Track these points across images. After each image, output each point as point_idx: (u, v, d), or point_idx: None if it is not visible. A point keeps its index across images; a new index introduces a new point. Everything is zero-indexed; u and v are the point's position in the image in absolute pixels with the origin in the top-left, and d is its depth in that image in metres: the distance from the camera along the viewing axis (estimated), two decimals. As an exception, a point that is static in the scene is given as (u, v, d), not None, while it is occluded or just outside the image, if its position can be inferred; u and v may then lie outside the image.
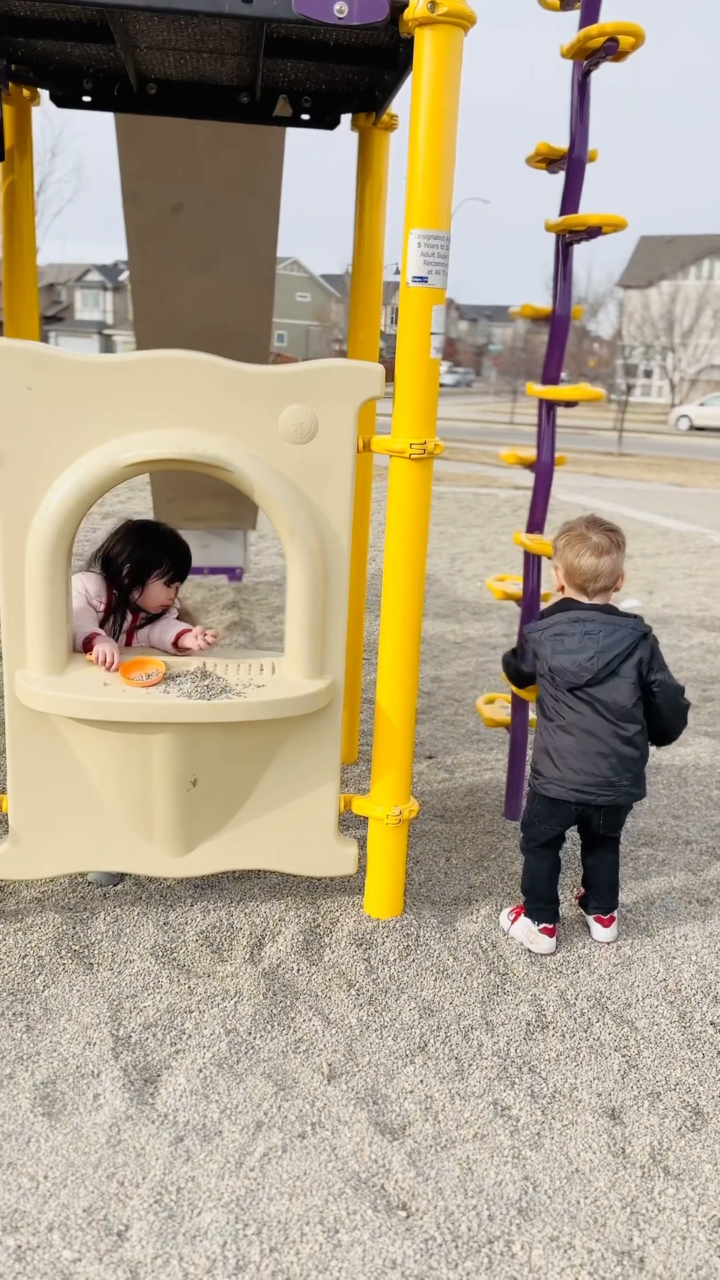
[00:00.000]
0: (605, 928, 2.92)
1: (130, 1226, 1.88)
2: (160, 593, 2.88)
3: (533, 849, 2.87)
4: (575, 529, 2.78)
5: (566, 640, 2.69)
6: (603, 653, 2.65)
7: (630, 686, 2.67)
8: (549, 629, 2.74)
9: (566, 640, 2.69)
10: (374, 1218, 1.92)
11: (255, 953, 2.73)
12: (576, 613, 2.72)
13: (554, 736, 2.75)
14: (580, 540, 2.74)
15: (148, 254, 4.51)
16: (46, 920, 2.80)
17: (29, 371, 2.39)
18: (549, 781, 2.76)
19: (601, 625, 2.68)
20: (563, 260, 3.14)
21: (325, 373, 2.51)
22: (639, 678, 2.68)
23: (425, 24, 2.33)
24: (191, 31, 2.83)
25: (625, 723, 2.68)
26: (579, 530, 2.77)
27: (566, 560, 2.76)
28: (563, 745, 2.73)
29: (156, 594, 2.87)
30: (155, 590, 2.87)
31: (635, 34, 2.75)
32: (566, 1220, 1.95)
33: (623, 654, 2.65)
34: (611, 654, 2.65)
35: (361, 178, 3.46)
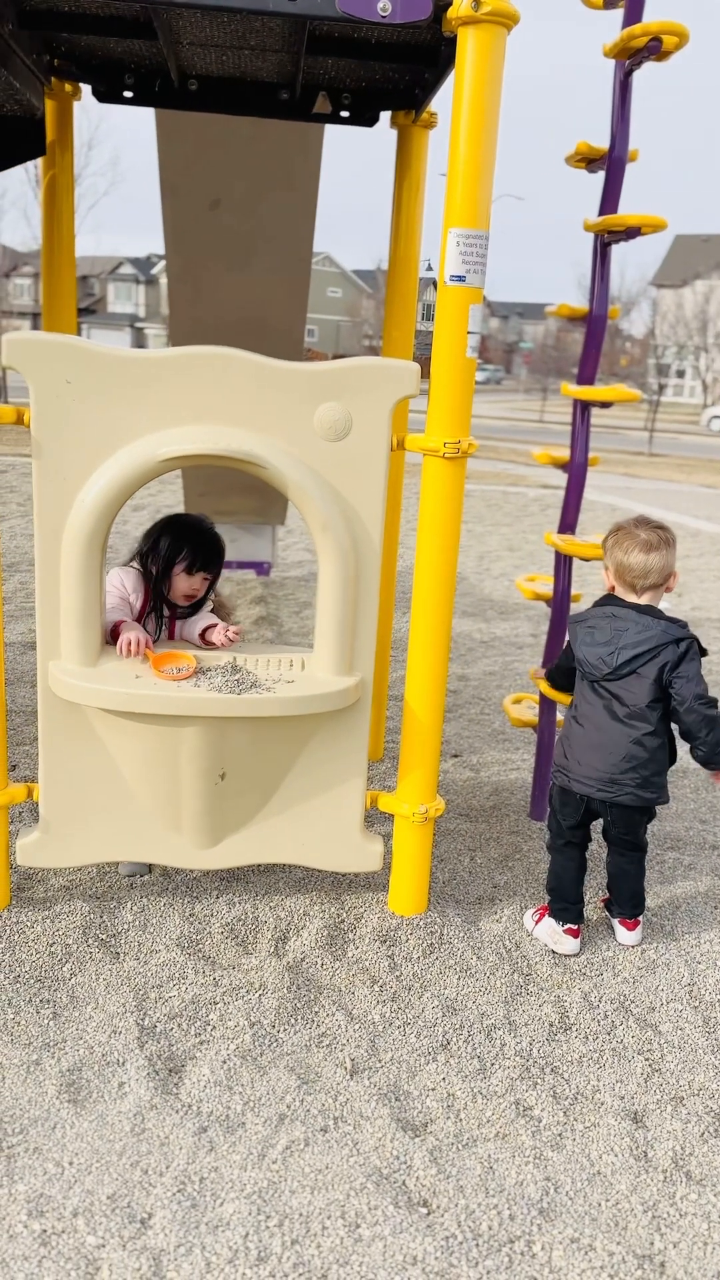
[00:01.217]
0: (629, 931, 2.91)
1: (154, 1215, 1.90)
2: (183, 583, 2.86)
3: (559, 847, 2.87)
4: (624, 527, 2.77)
5: (596, 633, 2.71)
6: (624, 649, 2.64)
7: (649, 687, 2.65)
8: (585, 620, 2.77)
9: (596, 633, 2.71)
10: (395, 1214, 1.93)
11: (280, 946, 2.75)
12: (613, 608, 2.72)
13: (569, 726, 2.80)
14: (629, 537, 2.72)
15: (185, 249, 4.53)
16: (74, 909, 2.83)
17: (68, 365, 2.41)
18: (559, 770, 2.82)
19: (633, 623, 2.67)
20: (601, 260, 3.13)
21: (361, 370, 2.52)
22: (659, 680, 2.65)
23: (469, 23, 2.33)
24: (234, 28, 2.84)
25: (636, 721, 2.67)
26: (628, 528, 2.76)
27: (616, 558, 2.74)
28: (574, 735, 2.77)
29: (180, 584, 2.86)
30: (179, 581, 2.86)
31: (679, 34, 2.73)
32: (587, 1222, 1.95)
33: (646, 654, 2.63)
34: (634, 652, 2.63)
35: (399, 175, 3.46)
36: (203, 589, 2.92)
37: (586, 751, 2.73)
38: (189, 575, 2.87)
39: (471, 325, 2.51)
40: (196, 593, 2.91)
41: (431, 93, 3.18)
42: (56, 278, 3.51)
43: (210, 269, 4.54)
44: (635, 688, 2.66)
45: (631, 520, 2.80)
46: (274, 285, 4.54)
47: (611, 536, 2.79)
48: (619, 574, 2.75)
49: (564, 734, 2.83)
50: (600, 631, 2.70)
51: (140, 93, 3.36)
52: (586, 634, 2.73)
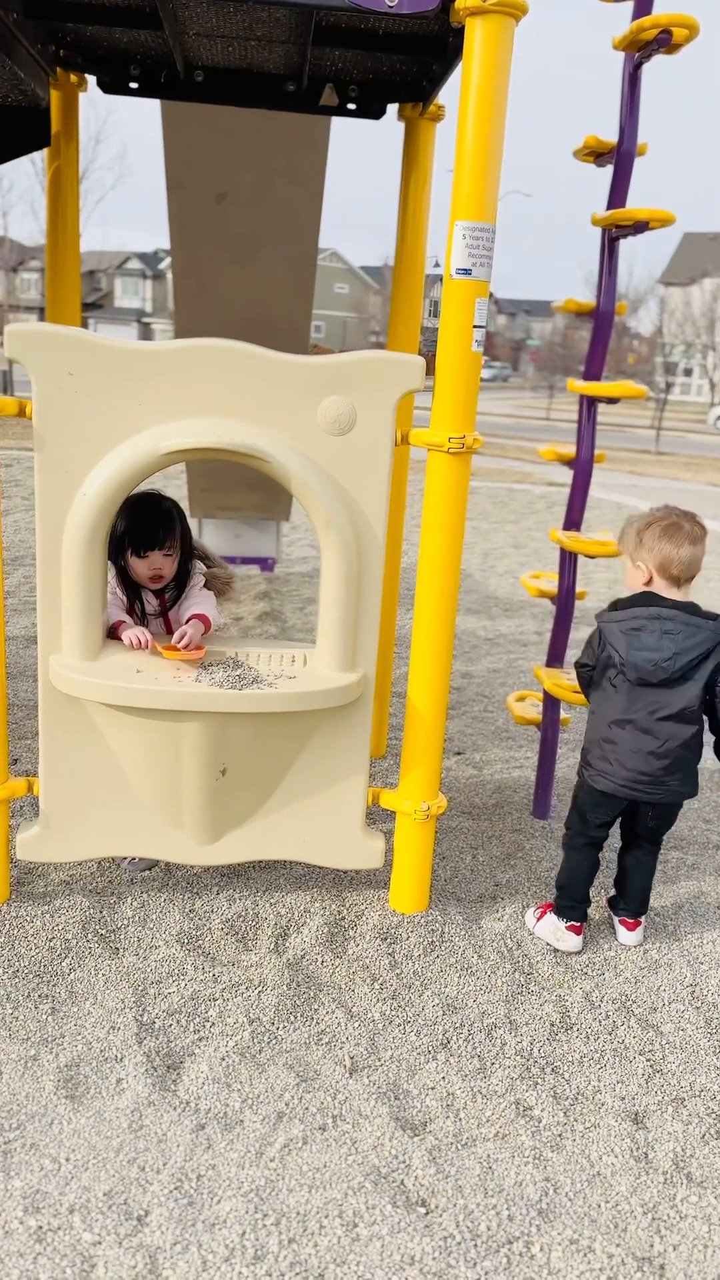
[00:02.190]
0: (630, 931, 2.89)
1: (150, 1212, 1.89)
2: (139, 566, 2.74)
3: (578, 846, 2.84)
4: (665, 519, 2.67)
5: (644, 636, 2.60)
6: (681, 654, 2.57)
7: (699, 689, 2.60)
8: (624, 621, 2.64)
9: (644, 636, 2.60)
10: (393, 1213, 1.92)
11: (280, 943, 2.74)
12: (657, 609, 2.62)
13: (609, 729, 2.69)
14: (676, 529, 2.64)
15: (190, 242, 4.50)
16: (74, 903, 2.82)
17: (70, 357, 2.40)
18: (599, 774, 2.72)
19: (682, 625, 2.59)
20: (608, 255, 3.10)
21: (365, 364, 2.50)
22: (708, 681, 2.61)
23: (476, 13, 2.31)
24: (241, 18, 2.82)
25: (686, 725, 2.63)
26: (670, 520, 2.66)
27: (663, 551, 2.64)
28: (619, 739, 2.67)
29: (137, 568, 2.75)
30: (135, 565, 2.74)
31: (689, 26, 2.71)
32: (587, 1223, 1.94)
33: (699, 657, 2.58)
34: (690, 656, 2.57)
35: (406, 168, 3.44)
36: (166, 568, 2.76)
37: (635, 757, 2.66)
38: (140, 557, 2.73)
39: (477, 319, 2.49)
40: (159, 572, 2.76)
41: (439, 85, 3.16)
42: (61, 270, 3.50)
43: (216, 263, 4.51)
44: (687, 691, 2.60)
45: (665, 511, 2.70)
46: (280, 279, 4.51)
47: (650, 530, 2.67)
48: (663, 567, 2.65)
49: (601, 736, 2.71)
50: (649, 635, 2.60)
51: (146, 84, 3.34)
52: (632, 637, 2.61)
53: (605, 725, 2.71)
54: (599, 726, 2.73)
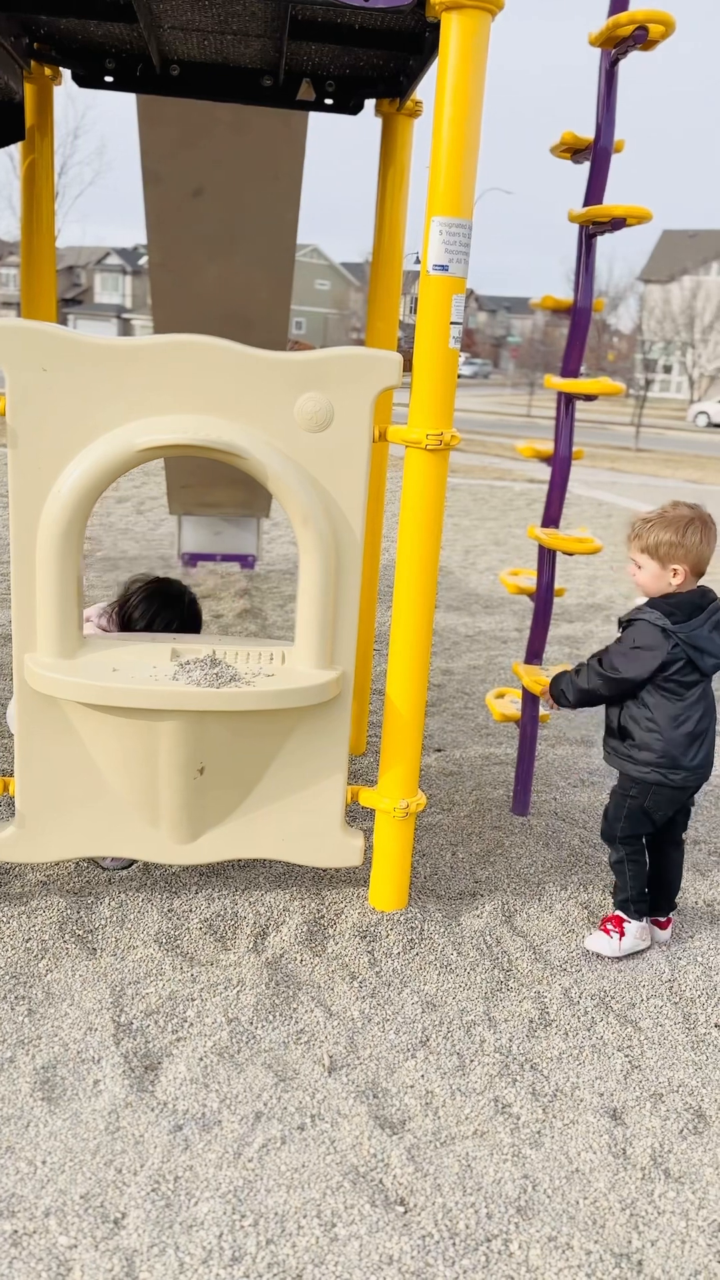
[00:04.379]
0: (664, 930, 2.92)
1: (127, 1214, 1.87)
2: None
3: (639, 849, 2.85)
4: (695, 519, 2.67)
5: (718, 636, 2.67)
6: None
7: None
8: (708, 622, 2.66)
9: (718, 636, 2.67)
10: (371, 1213, 1.91)
11: (259, 942, 2.73)
12: (717, 602, 2.69)
13: (681, 727, 2.68)
14: (706, 528, 2.67)
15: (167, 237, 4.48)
16: (51, 904, 2.80)
17: (44, 353, 2.38)
18: (675, 770, 2.70)
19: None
20: (586, 252, 3.10)
21: (342, 360, 2.49)
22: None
23: (452, 8, 2.30)
24: (215, 12, 2.80)
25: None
26: (700, 517, 2.68)
27: (699, 551, 2.66)
28: (697, 734, 2.70)
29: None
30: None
31: (665, 23, 2.70)
32: (565, 1220, 1.94)
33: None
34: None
35: (384, 164, 3.43)
36: None
37: (703, 747, 2.71)
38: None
39: (454, 315, 2.48)
40: None
41: (416, 80, 3.15)
42: (36, 265, 3.47)
43: (193, 258, 4.49)
44: None
45: (685, 507, 2.71)
46: (258, 275, 4.50)
47: (680, 531, 2.65)
48: (697, 565, 2.67)
49: (672, 738, 2.68)
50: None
51: (121, 78, 3.31)
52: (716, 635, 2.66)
53: (678, 724, 2.69)
54: (670, 728, 2.69)
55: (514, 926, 2.91)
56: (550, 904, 3.04)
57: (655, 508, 2.77)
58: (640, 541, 2.71)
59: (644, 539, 2.70)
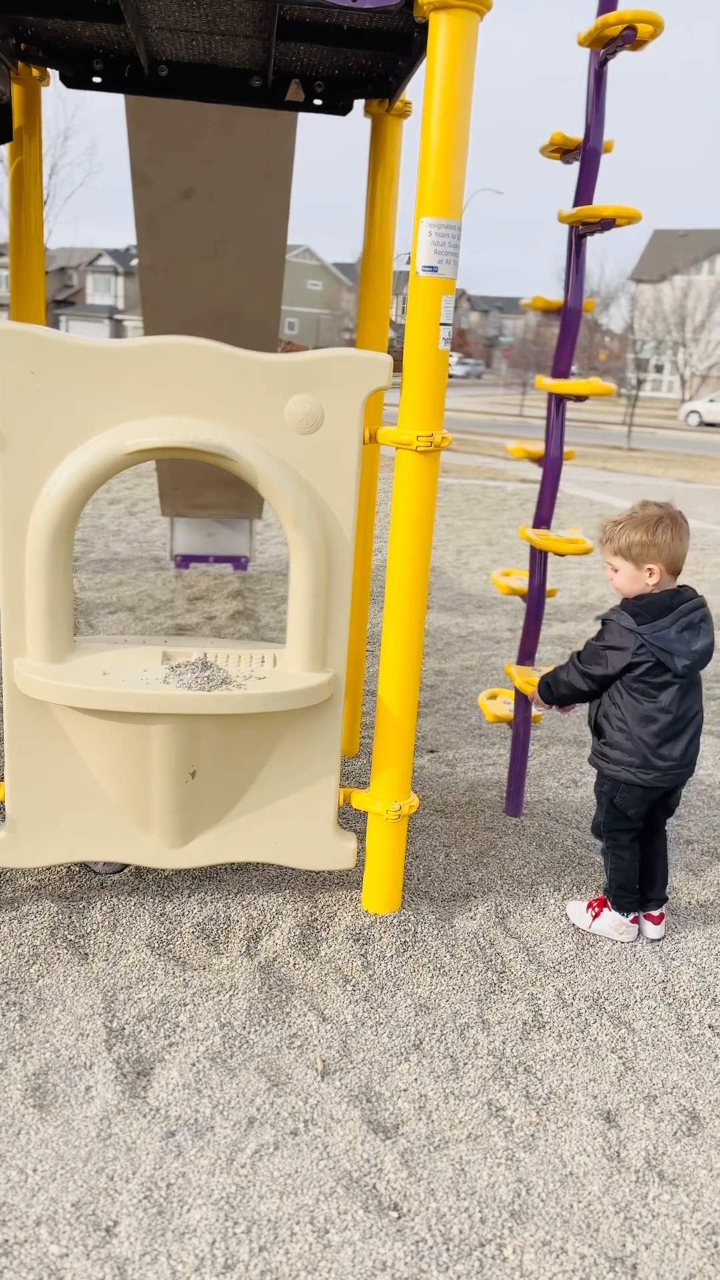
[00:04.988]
0: (657, 925, 2.94)
1: (119, 1222, 1.86)
2: None
3: (625, 844, 2.87)
4: (664, 517, 2.68)
5: (695, 632, 2.67)
6: (714, 641, 2.69)
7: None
8: (676, 623, 2.66)
9: (695, 632, 2.67)
10: (365, 1218, 1.90)
11: (251, 946, 2.72)
12: (691, 603, 2.69)
13: (651, 725, 2.71)
14: (676, 525, 2.68)
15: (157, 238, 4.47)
16: (42, 909, 2.78)
17: (32, 355, 2.36)
18: (644, 770, 2.73)
19: (705, 610, 2.71)
20: (575, 252, 3.10)
21: (332, 362, 2.48)
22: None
23: (440, 8, 2.29)
24: (203, 12, 2.79)
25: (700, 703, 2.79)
26: (668, 515, 2.69)
27: (672, 549, 2.67)
28: (666, 733, 2.71)
29: None
30: None
31: (654, 23, 2.70)
32: (559, 1224, 1.93)
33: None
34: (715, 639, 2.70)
35: (373, 165, 3.42)
36: None
37: (677, 745, 2.73)
38: None
39: (444, 316, 2.48)
40: None
41: (405, 81, 3.14)
42: (24, 267, 3.45)
43: (183, 259, 4.48)
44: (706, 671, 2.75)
45: (657, 508, 2.70)
46: (248, 276, 4.49)
47: (650, 530, 2.66)
48: (673, 563, 2.69)
49: (643, 736, 2.71)
50: (694, 629, 2.67)
51: (109, 79, 3.30)
52: (687, 635, 2.65)
53: (646, 723, 2.71)
54: (638, 727, 2.72)
55: (507, 928, 2.90)
56: (543, 905, 3.03)
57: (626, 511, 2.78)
58: (613, 545, 2.72)
59: (616, 541, 2.70)
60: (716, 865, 3.36)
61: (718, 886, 3.23)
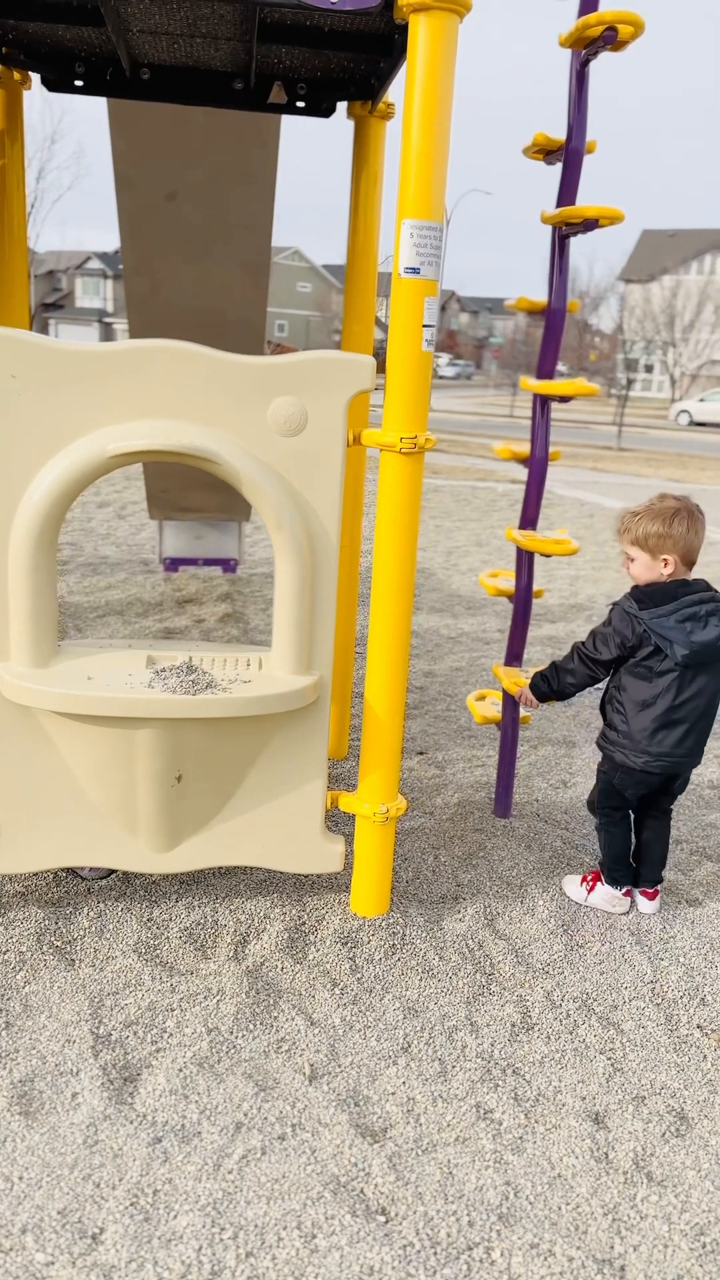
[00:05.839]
0: (651, 900, 3.04)
1: (105, 1229, 1.85)
2: None
3: (616, 821, 3.02)
4: (681, 509, 2.77)
5: (698, 624, 2.72)
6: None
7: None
8: (677, 613, 2.72)
9: (698, 624, 2.72)
10: (352, 1223, 1.90)
11: (239, 950, 2.71)
12: (698, 595, 2.74)
13: (649, 711, 2.79)
14: (692, 518, 2.77)
15: (141, 241, 4.46)
16: (29, 915, 2.77)
17: (14, 360, 2.35)
18: (640, 753, 2.83)
19: (717, 606, 2.74)
20: (559, 253, 3.10)
21: (315, 364, 2.47)
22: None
23: (420, 10, 2.29)
24: (184, 15, 2.78)
25: (715, 697, 2.83)
26: (685, 507, 2.78)
27: (687, 540, 2.75)
28: (663, 720, 2.79)
29: None
30: None
31: (635, 23, 2.70)
32: (547, 1227, 1.93)
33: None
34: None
35: (357, 167, 3.42)
36: None
37: (674, 733, 2.80)
38: None
39: (427, 318, 2.47)
40: None
41: (387, 82, 3.14)
42: (7, 271, 3.44)
43: (168, 262, 4.47)
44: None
45: (675, 501, 2.79)
46: (233, 278, 4.48)
47: (666, 522, 2.74)
48: (687, 555, 2.77)
49: (639, 721, 2.81)
50: (699, 621, 2.72)
51: (91, 82, 3.29)
52: (689, 627, 2.71)
53: (642, 709, 2.81)
54: (634, 711, 2.82)
55: (496, 930, 2.90)
56: (532, 906, 3.03)
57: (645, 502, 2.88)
58: (630, 534, 2.82)
59: (633, 531, 2.81)
60: (705, 864, 3.36)
61: (706, 886, 3.23)
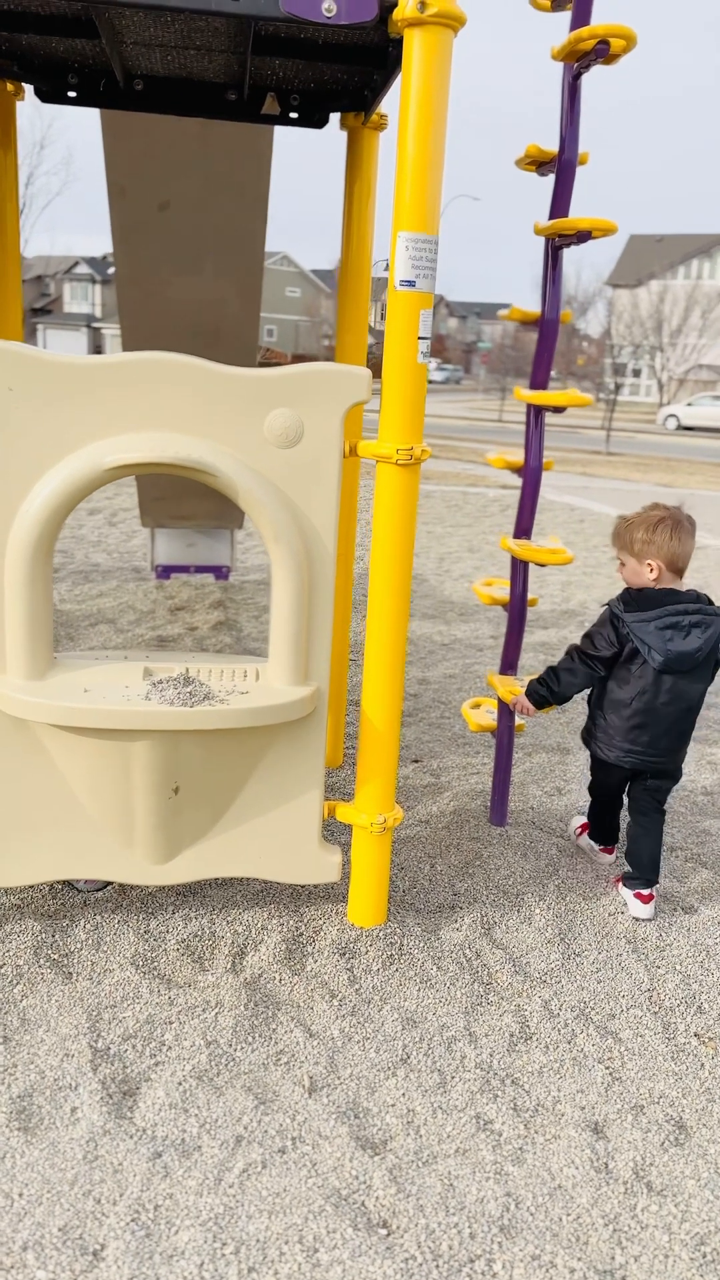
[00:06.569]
0: (644, 904, 3.07)
1: (106, 1246, 1.85)
2: None
3: (594, 791, 3.33)
4: (669, 517, 2.90)
5: (678, 632, 2.84)
6: (705, 645, 2.86)
7: (709, 671, 2.95)
8: (658, 620, 2.85)
9: (678, 632, 2.84)
10: (354, 1236, 1.90)
11: (237, 962, 2.70)
12: (683, 605, 2.86)
13: (624, 709, 2.97)
14: (678, 526, 2.90)
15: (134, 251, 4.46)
16: (25, 928, 2.76)
17: (10, 372, 2.35)
18: (608, 747, 3.05)
19: (707, 618, 2.87)
20: (552, 264, 3.11)
21: (312, 377, 2.48)
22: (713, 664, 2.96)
23: (415, 24, 2.30)
24: (178, 28, 2.79)
25: (696, 703, 2.98)
26: (672, 516, 2.91)
27: (669, 548, 2.88)
28: (634, 718, 2.95)
29: None
30: None
31: (627, 37, 2.72)
32: (549, 1238, 1.93)
33: (713, 646, 2.89)
34: (711, 645, 2.87)
35: (350, 177, 3.42)
36: None
37: (645, 732, 2.95)
38: None
39: (423, 330, 2.48)
40: None
41: (380, 94, 3.15)
42: (2, 281, 3.44)
43: (160, 271, 4.48)
44: (704, 675, 2.95)
45: (664, 510, 2.94)
46: (226, 287, 4.49)
47: (659, 529, 2.88)
48: (672, 562, 2.90)
49: (611, 716, 2.99)
50: (681, 630, 2.84)
51: (84, 93, 3.29)
52: (667, 634, 2.83)
53: (616, 707, 2.99)
54: (610, 706, 3.01)
55: (493, 939, 2.90)
56: (529, 915, 3.03)
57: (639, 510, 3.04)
58: (620, 540, 2.99)
59: (624, 538, 2.97)
60: (701, 872, 3.37)
61: (701, 893, 3.24)
